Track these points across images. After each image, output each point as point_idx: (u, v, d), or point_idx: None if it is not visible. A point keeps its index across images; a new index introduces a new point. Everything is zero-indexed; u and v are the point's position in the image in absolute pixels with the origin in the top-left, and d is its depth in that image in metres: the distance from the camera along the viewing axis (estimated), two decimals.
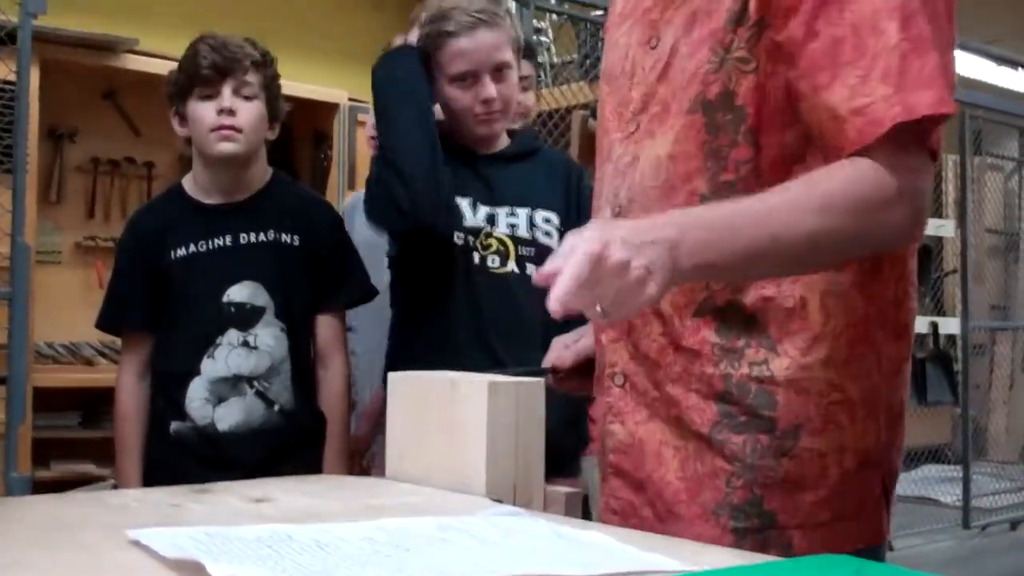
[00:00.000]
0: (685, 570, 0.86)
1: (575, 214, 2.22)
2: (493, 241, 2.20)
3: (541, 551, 0.91)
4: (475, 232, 2.20)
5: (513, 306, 2.16)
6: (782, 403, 1.33)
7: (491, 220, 2.21)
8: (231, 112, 2.20)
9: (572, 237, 1.13)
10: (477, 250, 2.19)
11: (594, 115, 3.38)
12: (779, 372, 1.33)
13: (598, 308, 1.13)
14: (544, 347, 1.63)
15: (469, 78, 2.17)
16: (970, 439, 5.55)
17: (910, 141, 1.24)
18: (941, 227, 5.66)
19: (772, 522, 1.35)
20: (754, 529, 1.35)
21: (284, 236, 2.29)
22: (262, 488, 1.22)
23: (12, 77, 2.61)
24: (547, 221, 2.23)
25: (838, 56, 1.25)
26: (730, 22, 1.32)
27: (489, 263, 2.19)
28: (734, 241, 1.20)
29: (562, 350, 1.57)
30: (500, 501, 1.14)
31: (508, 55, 2.20)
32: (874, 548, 1.40)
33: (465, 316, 2.18)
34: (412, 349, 2.22)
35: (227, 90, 2.20)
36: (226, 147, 2.21)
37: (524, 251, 2.20)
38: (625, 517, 1.44)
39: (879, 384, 1.37)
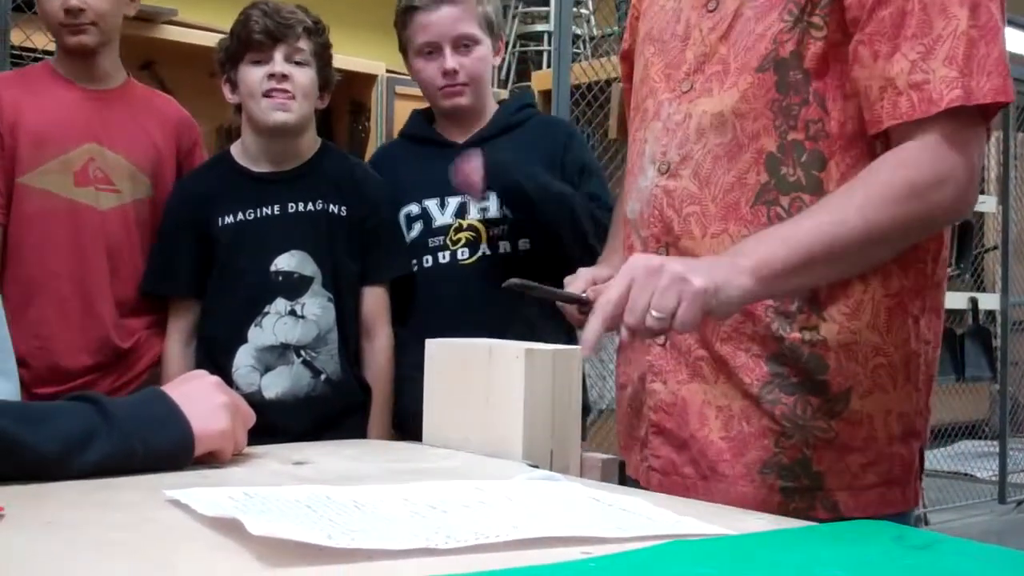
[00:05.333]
0: (722, 534, 0.86)
1: (559, 174, 2.25)
2: (463, 235, 2.24)
3: (576, 514, 0.92)
4: (444, 230, 2.25)
5: (474, 296, 2.18)
6: (833, 367, 1.36)
7: (462, 210, 2.25)
8: (283, 77, 2.19)
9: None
10: (447, 247, 2.24)
11: None
12: (830, 336, 1.36)
13: (653, 314, 1.18)
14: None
15: (433, 50, 2.25)
16: (1008, 415, 5.52)
17: (967, 120, 1.27)
18: (982, 203, 5.61)
19: (820, 483, 1.37)
20: (802, 489, 1.37)
21: (332, 206, 2.28)
22: (301, 451, 1.24)
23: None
24: None
25: (903, 28, 1.28)
26: None
27: (459, 256, 2.24)
28: (794, 250, 1.24)
29: (591, 284, 1.52)
30: (536, 466, 1.15)
31: (472, 29, 2.25)
32: (907, 514, 1.42)
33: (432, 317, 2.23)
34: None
35: (279, 55, 2.19)
36: (280, 116, 2.20)
37: (496, 231, 2.24)
38: (665, 474, 1.46)
39: (917, 352, 1.40)
